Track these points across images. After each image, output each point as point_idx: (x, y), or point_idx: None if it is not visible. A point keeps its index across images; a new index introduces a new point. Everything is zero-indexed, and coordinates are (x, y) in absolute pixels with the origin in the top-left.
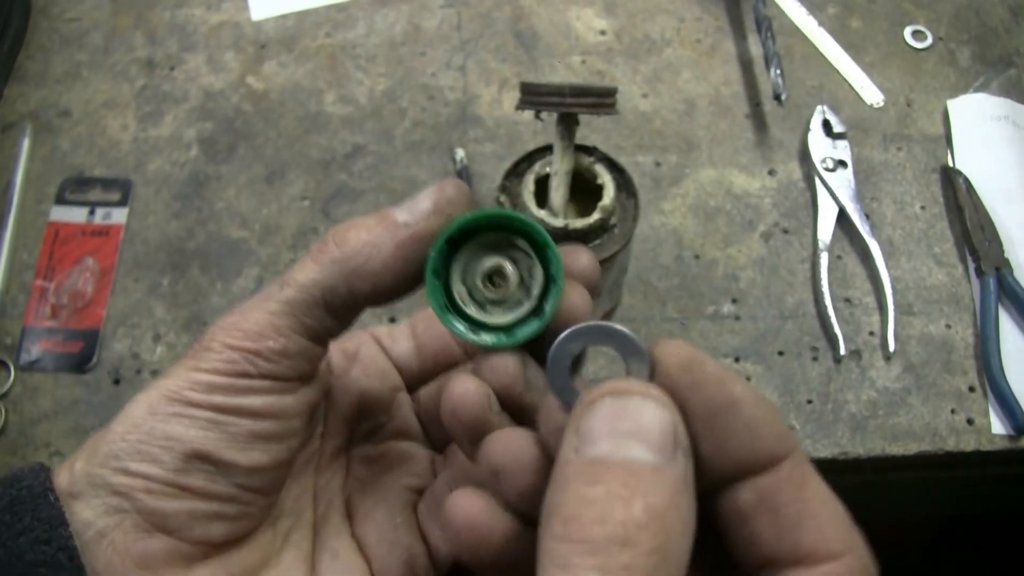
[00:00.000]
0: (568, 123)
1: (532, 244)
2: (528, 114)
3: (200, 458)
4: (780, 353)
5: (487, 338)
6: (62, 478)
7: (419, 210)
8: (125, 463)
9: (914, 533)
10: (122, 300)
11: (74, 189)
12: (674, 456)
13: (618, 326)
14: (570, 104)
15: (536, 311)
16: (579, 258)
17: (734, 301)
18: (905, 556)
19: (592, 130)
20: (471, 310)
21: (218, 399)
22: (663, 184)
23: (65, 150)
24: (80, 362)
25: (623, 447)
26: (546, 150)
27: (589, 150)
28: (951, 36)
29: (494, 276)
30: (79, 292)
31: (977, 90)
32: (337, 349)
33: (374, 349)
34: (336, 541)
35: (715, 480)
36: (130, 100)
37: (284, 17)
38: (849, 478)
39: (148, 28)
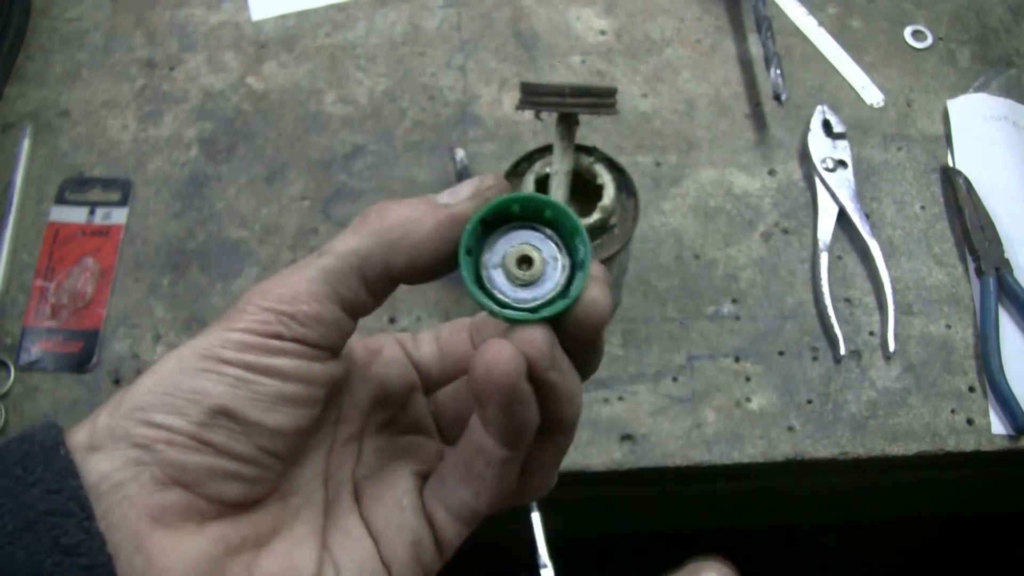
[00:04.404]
0: (568, 123)
1: (562, 230)
2: (528, 114)
3: (224, 414)
4: (780, 353)
5: (513, 314)
6: (81, 434)
7: (460, 194)
8: (150, 415)
9: (914, 533)
10: (122, 300)
11: (74, 189)
12: None
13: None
14: (570, 104)
15: (562, 294)
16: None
17: (734, 301)
18: (905, 556)
19: (592, 130)
20: (499, 291)
21: (249, 358)
22: (663, 184)
23: (65, 150)
24: (80, 362)
25: None
26: (546, 150)
27: (589, 150)
28: (951, 36)
29: (522, 261)
30: (79, 292)
31: (977, 90)
32: (361, 345)
33: (397, 349)
34: (347, 520)
35: None
36: (130, 100)
37: (284, 17)
38: (849, 478)
39: (148, 28)
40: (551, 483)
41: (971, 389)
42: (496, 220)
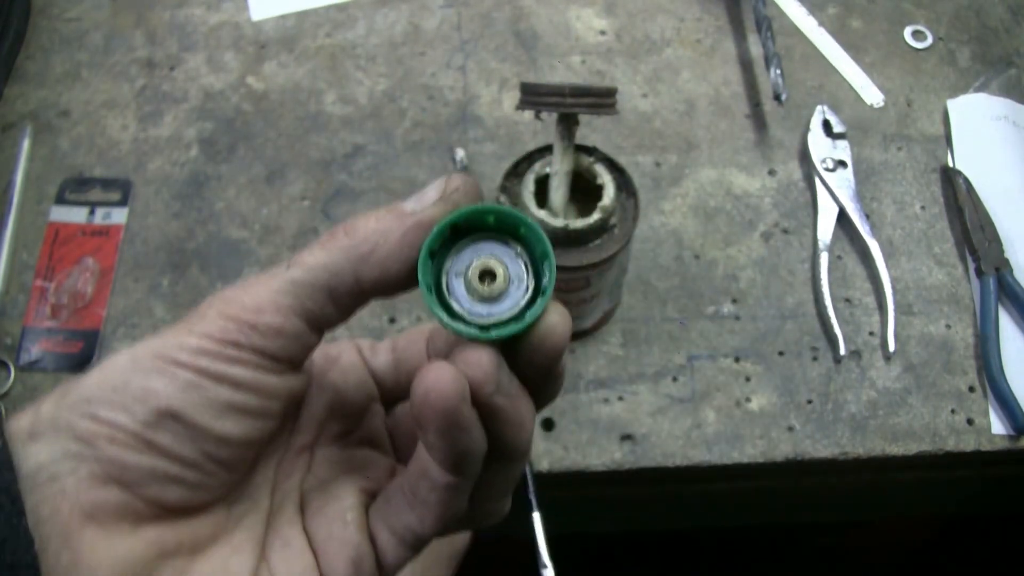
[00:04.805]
0: (568, 123)
1: (530, 250)
2: (528, 114)
3: (172, 416)
4: (780, 353)
5: (463, 328)
6: (24, 419)
7: (426, 199)
8: (95, 409)
9: (914, 533)
10: (122, 300)
11: (74, 189)
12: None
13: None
14: (570, 104)
15: (518, 316)
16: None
17: (734, 301)
18: (905, 556)
19: (592, 130)
20: (457, 300)
21: (203, 363)
22: (663, 184)
23: (65, 150)
24: (80, 362)
25: None
26: (546, 150)
27: (589, 150)
28: (951, 36)
29: (484, 275)
30: (79, 292)
31: (977, 90)
32: (320, 352)
33: (355, 357)
34: (288, 531)
35: None
36: (130, 100)
37: (284, 17)
38: (849, 478)
39: (148, 28)
40: (504, 510)
41: (971, 389)
42: (468, 228)
